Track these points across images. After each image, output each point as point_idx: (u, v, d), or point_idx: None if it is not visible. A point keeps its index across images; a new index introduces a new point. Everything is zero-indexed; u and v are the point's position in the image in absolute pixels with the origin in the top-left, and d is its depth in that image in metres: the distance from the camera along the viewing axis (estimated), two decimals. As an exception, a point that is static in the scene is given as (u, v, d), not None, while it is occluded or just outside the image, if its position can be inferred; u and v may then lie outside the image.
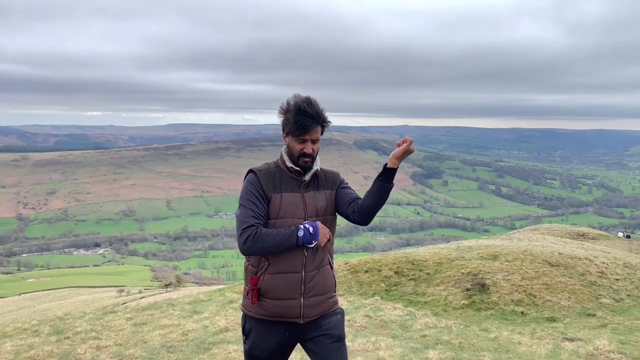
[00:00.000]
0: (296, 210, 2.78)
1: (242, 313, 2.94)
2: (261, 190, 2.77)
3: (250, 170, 2.87)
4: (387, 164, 2.73)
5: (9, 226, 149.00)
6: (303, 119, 2.71)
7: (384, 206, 2.96)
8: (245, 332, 2.87)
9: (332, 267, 2.93)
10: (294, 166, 2.82)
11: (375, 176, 2.82)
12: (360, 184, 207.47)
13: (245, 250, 2.71)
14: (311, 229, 2.70)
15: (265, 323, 2.79)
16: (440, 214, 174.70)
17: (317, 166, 2.89)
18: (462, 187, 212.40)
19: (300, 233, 2.68)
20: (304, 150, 2.78)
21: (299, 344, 2.91)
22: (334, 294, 2.93)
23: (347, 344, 5.66)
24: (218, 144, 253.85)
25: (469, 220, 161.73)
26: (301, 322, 2.76)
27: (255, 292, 2.76)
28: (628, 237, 26.17)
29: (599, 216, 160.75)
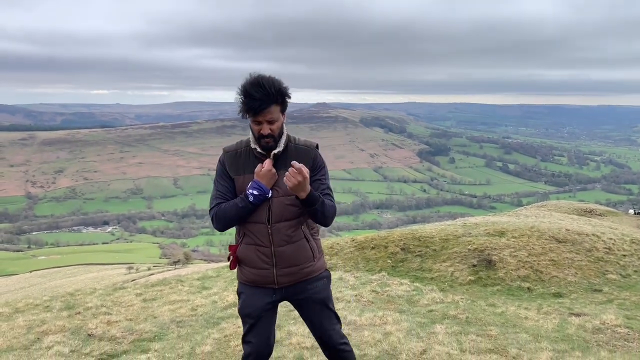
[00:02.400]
0: None
1: None
2: (225, 172, 2.95)
3: (223, 150, 3.04)
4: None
5: (18, 204, 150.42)
6: (250, 101, 2.72)
7: (390, 183, 3.02)
8: (238, 294, 3.06)
9: (309, 239, 2.96)
10: (257, 148, 2.88)
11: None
12: (366, 162, 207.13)
13: (216, 228, 2.91)
14: (256, 191, 2.78)
15: (252, 286, 2.98)
16: (447, 191, 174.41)
17: (280, 147, 2.86)
18: (469, 164, 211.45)
19: (251, 198, 2.78)
20: (261, 132, 2.80)
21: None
22: (312, 262, 2.97)
23: (354, 318, 5.74)
24: (224, 122, 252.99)
25: (476, 197, 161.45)
26: (276, 287, 2.93)
27: (234, 259, 2.98)
28: (639, 214, 26.05)
29: (607, 193, 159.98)
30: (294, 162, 2.64)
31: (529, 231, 11.02)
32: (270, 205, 2.83)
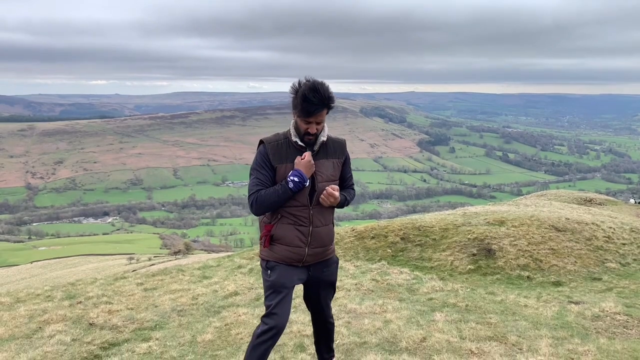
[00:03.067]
0: None
1: (259, 260, 3.45)
2: (268, 161, 3.20)
3: (261, 142, 3.28)
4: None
5: (18, 195, 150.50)
6: (308, 105, 3.07)
7: (390, 173, 3.27)
8: (270, 268, 3.30)
9: (334, 224, 3.46)
10: (298, 141, 3.22)
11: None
12: (366, 152, 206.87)
13: (254, 213, 3.22)
14: (297, 178, 3.10)
15: (282, 263, 3.28)
16: (447, 180, 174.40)
17: (323, 137, 3.27)
18: (469, 153, 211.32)
19: (291, 185, 3.10)
20: (308, 130, 3.17)
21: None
22: (331, 245, 3.44)
23: (354, 306, 5.78)
24: (224, 113, 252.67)
25: (476, 186, 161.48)
26: (300, 265, 3.30)
27: (268, 238, 3.27)
28: None
29: (607, 182, 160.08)
30: (327, 188, 3.15)
31: (529, 220, 11.03)
32: (316, 189, 3.21)
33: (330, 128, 3.36)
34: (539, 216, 11.46)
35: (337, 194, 3.15)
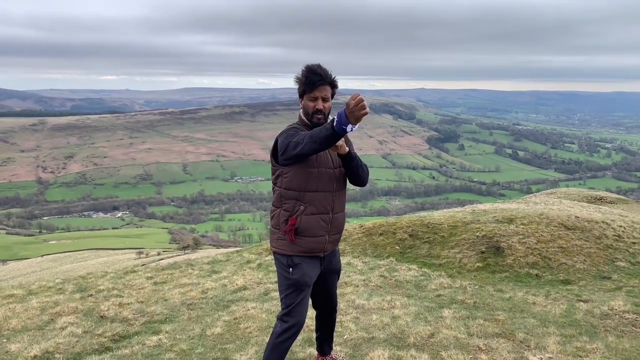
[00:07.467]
0: (327, 161, 3.26)
1: (273, 255, 3.37)
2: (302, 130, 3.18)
3: (287, 127, 3.28)
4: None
5: (29, 190, 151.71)
6: (312, 75, 3.12)
7: (399, 170, 3.21)
8: (294, 265, 3.24)
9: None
10: (310, 124, 3.22)
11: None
12: (375, 149, 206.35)
13: (307, 150, 2.93)
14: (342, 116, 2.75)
15: (307, 256, 3.26)
16: (456, 178, 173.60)
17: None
18: (479, 151, 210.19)
19: (337, 127, 2.77)
20: (316, 106, 3.16)
21: None
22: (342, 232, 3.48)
23: (363, 302, 5.82)
24: (233, 108, 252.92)
25: (485, 184, 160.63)
26: (322, 255, 3.32)
27: (293, 231, 3.21)
28: None
29: (618, 180, 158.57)
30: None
31: (538, 218, 10.98)
32: (334, 175, 3.25)
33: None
34: (549, 214, 11.40)
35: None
